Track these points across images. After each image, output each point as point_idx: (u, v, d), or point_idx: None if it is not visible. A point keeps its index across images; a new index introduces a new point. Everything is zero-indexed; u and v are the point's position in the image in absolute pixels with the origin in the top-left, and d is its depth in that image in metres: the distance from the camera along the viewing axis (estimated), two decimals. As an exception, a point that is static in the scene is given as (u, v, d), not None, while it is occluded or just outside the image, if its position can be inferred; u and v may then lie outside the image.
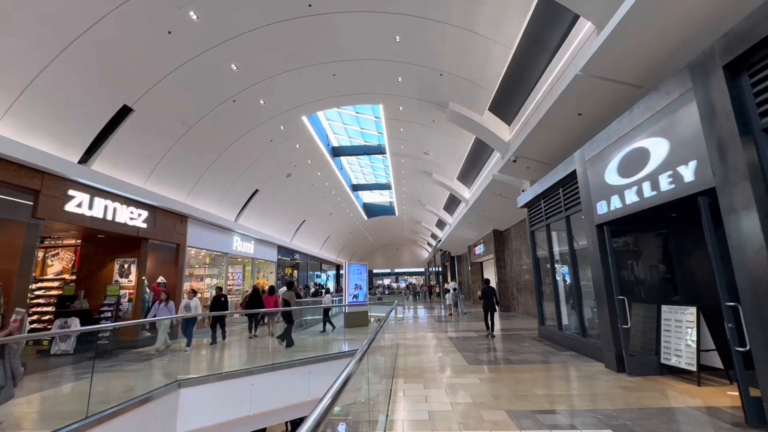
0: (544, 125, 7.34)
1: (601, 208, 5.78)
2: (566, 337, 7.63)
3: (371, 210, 31.64)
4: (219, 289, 10.77)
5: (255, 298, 12.13)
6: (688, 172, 4.03)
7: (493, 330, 9.72)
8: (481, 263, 23.47)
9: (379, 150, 18.98)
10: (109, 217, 8.75)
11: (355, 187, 26.31)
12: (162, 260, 11.16)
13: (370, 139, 19.07)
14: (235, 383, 6.51)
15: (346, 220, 28.98)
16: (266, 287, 13.82)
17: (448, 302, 16.85)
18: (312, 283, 23.81)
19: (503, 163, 10.07)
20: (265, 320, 13.01)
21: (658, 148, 4.49)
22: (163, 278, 10.80)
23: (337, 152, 19.60)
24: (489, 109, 10.25)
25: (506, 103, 9.59)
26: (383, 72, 10.51)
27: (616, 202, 5.38)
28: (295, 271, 24.49)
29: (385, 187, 25.79)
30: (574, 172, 6.74)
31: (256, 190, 15.50)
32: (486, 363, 6.53)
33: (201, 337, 10.61)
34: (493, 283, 17.72)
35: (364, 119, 17.21)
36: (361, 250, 43.66)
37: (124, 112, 8.41)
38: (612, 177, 5.47)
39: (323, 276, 33.03)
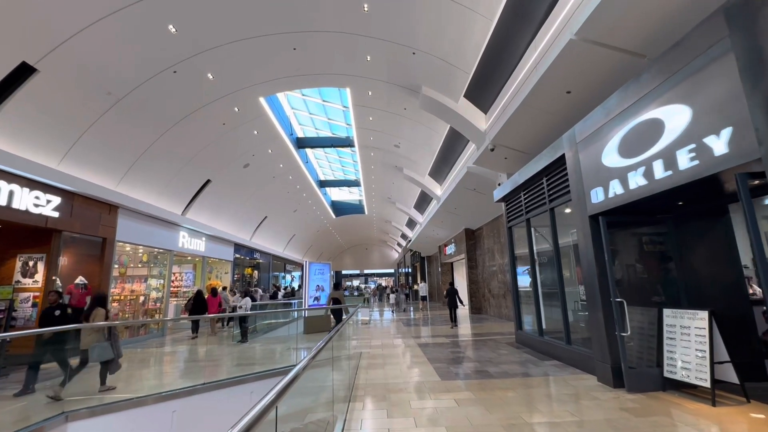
0: (527, 106, 6.52)
1: (596, 196, 4.98)
2: (547, 344, 6.84)
3: (340, 208, 30.29)
4: (55, 294, 6.56)
5: (199, 302, 11.35)
6: (719, 144, 3.22)
7: (455, 322, 11.60)
8: (452, 264, 22.84)
9: (347, 142, 17.80)
10: (3, 202, 7.01)
11: (323, 183, 24.91)
12: (84, 257, 9.41)
13: (338, 131, 17.85)
14: (149, 411, 5.14)
15: (312, 218, 27.45)
16: (211, 289, 12.49)
17: (391, 302, 22.27)
18: (271, 285, 22.19)
19: (479, 153, 9.25)
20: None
21: (675, 118, 3.68)
22: (83, 278, 9.05)
23: (302, 143, 18.20)
24: (465, 96, 9.39)
25: (484, 89, 8.76)
26: (350, 48, 9.38)
27: (616, 188, 4.56)
28: (256, 272, 22.76)
29: (354, 183, 24.59)
30: (561, 158, 5.93)
31: (208, 181, 13.85)
32: (462, 377, 5.56)
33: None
34: (464, 285, 17.39)
35: (332, 108, 15.97)
36: (329, 250, 42.10)
37: (24, 71, 6.77)
38: (611, 159, 4.66)
39: (288, 277, 31.29)
